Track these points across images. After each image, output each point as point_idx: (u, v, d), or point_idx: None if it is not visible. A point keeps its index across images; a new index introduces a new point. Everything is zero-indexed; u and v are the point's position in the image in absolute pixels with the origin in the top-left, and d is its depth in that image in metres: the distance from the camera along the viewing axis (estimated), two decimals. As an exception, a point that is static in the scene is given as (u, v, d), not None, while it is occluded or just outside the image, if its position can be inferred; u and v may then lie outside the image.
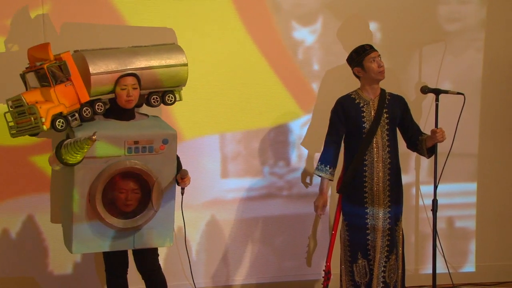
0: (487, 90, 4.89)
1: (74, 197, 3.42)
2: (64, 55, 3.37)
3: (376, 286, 4.02)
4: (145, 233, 3.58)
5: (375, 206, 3.94)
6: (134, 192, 3.47)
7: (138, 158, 3.44)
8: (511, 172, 5.12)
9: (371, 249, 3.99)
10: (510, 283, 5.07)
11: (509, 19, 4.93)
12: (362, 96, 3.99)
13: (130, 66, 3.52)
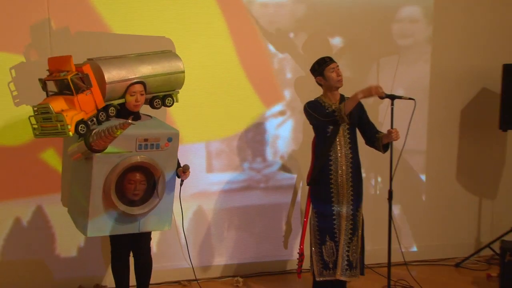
0: (434, 96, 5.25)
1: (91, 188, 3.59)
2: (85, 68, 3.58)
3: (341, 263, 4.23)
4: (149, 218, 3.83)
5: (340, 196, 4.20)
6: (141, 183, 3.72)
7: (146, 154, 3.70)
8: (454, 166, 5.40)
9: (337, 232, 4.25)
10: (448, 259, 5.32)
11: (451, 36, 5.24)
12: (325, 101, 4.22)
13: (138, 74, 3.77)
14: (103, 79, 3.65)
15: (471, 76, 5.34)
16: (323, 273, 4.37)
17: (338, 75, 4.17)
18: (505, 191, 5.50)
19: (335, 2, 5.01)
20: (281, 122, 4.96)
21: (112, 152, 3.66)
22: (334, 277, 4.35)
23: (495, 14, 5.34)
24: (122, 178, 3.70)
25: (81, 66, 3.65)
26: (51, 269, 4.60)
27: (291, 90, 4.97)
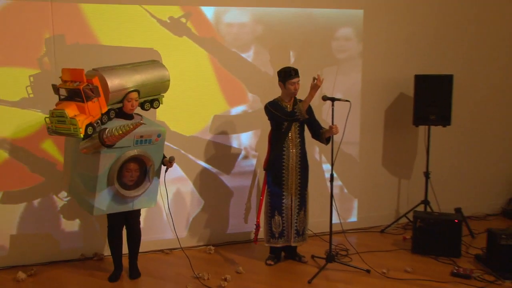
0: (364, 99, 5.72)
1: (98, 177, 3.96)
2: (94, 80, 3.89)
3: (290, 232, 4.70)
4: (140, 198, 4.23)
5: (290, 179, 4.68)
6: (136, 171, 4.15)
7: (141, 147, 4.08)
8: (380, 154, 5.89)
9: (284, 209, 4.73)
10: (375, 227, 5.81)
11: (376, 52, 5.66)
12: (283, 102, 4.64)
13: (134, 83, 4.12)
14: (106, 87, 3.99)
15: (392, 84, 5.77)
16: (270, 240, 4.84)
17: (295, 89, 4.58)
18: (417, 173, 5.94)
19: (287, 23, 5.29)
20: (243, 118, 5.30)
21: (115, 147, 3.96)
22: (278, 244, 4.80)
23: (410, 35, 5.78)
24: (122, 167, 4.06)
25: (91, 78, 3.91)
26: (58, 240, 4.89)
27: (252, 92, 5.29)
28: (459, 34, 5.97)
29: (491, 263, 4.57)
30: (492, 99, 6.23)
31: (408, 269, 4.63)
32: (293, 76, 4.56)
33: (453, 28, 5.93)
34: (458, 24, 5.96)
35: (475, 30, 6.04)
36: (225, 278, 4.42)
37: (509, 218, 6.16)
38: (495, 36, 6.13)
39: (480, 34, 6.06)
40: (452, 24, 5.92)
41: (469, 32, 6.01)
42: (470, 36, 6.02)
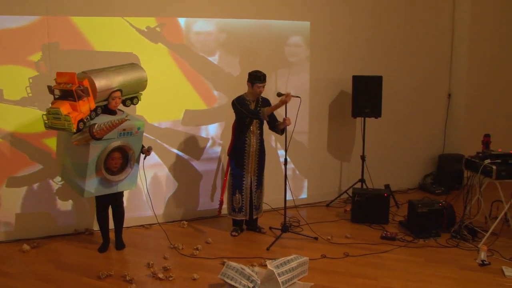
0: (312, 95, 6.09)
1: (88, 165, 4.23)
2: (85, 82, 4.12)
3: (249, 206, 5.04)
4: (123, 182, 4.53)
5: (250, 163, 5.00)
6: (120, 159, 4.43)
7: (124, 139, 4.37)
8: (325, 141, 6.25)
9: (244, 188, 5.04)
10: (322, 202, 6.18)
11: (321, 56, 6.03)
12: (248, 98, 4.91)
13: (117, 83, 4.39)
14: (95, 88, 4.22)
15: (335, 83, 6.17)
16: (231, 213, 5.17)
17: (260, 92, 4.87)
18: (355, 157, 6.35)
19: (247, 32, 5.59)
20: (210, 112, 5.56)
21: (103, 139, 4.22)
22: (237, 217, 5.09)
23: (348, 43, 6.19)
24: (107, 156, 4.34)
25: (82, 80, 4.13)
26: (54, 217, 5.12)
27: (218, 90, 5.58)
28: (388, 43, 6.46)
29: (410, 227, 5.14)
30: (414, 96, 6.77)
31: (348, 235, 5.07)
32: (261, 81, 4.83)
33: (383, 38, 6.41)
34: (387, 34, 6.44)
35: (400, 39, 6.54)
36: (197, 248, 4.69)
37: (424, 191, 6.75)
38: (417, 44, 6.68)
39: (404, 42, 6.59)
40: (382, 34, 6.40)
41: (395, 41, 6.51)
42: (397, 45, 6.53)
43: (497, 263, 4.41)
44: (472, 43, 6.81)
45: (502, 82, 7.11)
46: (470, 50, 6.81)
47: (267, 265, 3.95)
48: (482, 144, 5.39)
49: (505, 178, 4.66)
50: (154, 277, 4.11)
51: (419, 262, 4.47)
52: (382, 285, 4.02)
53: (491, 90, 7.06)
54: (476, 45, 6.83)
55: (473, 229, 5.05)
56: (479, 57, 6.88)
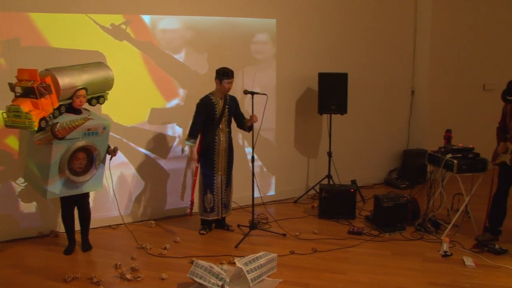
0: (279, 93, 6.13)
1: (51, 165, 4.15)
2: (47, 79, 4.02)
3: (220, 205, 5.03)
4: (88, 182, 4.46)
5: (220, 162, 4.99)
6: (84, 160, 4.36)
7: (88, 139, 4.29)
8: (292, 138, 6.29)
9: (215, 188, 5.01)
10: (290, 198, 6.28)
11: (288, 54, 6.09)
12: (215, 96, 4.89)
13: (82, 81, 4.31)
14: (58, 85, 4.14)
15: (301, 80, 6.22)
16: (203, 214, 5.13)
17: (228, 88, 4.88)
18: (322, 153, 6.42)
19: (213, 29, 5.56)
20: (177, 110, 5.52)
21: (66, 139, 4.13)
22: (209, 217, 5.06)
23: (314, 40, 6.23)
24: (72, 156, 4.26)
25: (44, 78, 4.03)
26: (17, 220, 5.00)
27: (184, 88, 5.53)
28: (353, 40, 6.55)
29: (376, 221, 5.25)
30: (379, 93, 6.89)
31: (316, 231, 5.14)
32: (229, 77, 4.84)
33: (348, 36, 6.49)
34: (352, 32, 6.53)
35: (365, 37, 6.64)
36: (165, 247, 4.67)
37: (389, 186, 6.90)
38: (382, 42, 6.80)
39: (369, 40, 6.69)
40: (347, 32, 6.48)
41: (360, 39, 6.61)
42: (362, 42, 6.63)
43: (459, 253, 4.57)
44: (434, 42, 6.99)
45: (463, 79, 7.33)
46: (432, 48, 6.99)
47: (236, 262, 3.98)
48: (444, 139, 5.54)
49: (466, 172, 4.84)
50: (122, 278, 4.07)
51: (385, 255, 4.58)
52: (349, 279, 4.10)
53: (452, 87, 7.26)
54: (438, 43, 7.02)
55: (436, 221, 5.21)
56: (441, 55, 7.07)
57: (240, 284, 3.91)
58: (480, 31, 7.34)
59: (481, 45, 7.37)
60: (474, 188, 4.94)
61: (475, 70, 7.40)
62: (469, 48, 7.29)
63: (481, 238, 4.78)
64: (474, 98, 7.45)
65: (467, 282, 4.02)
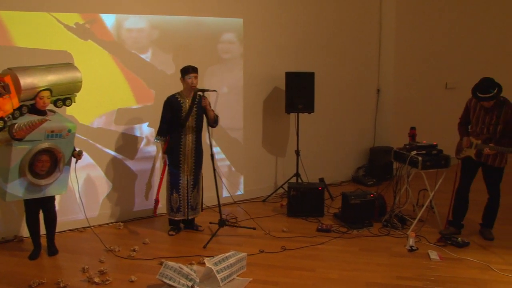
0: (246, 92, 6.12)
1: (10, 169, 4.05)
2: (6, 78, 3.91)
3: (186, 206, 4.99)
4: (51, 186, 4.36)
5: (186, 162, 4.94)
6: (47, 162, 4.27)
7: (52, 141, 4.21)
8: (260, 137, 6.29)
9: (181, 188, 4.97)
10: (258, 197, 6.25)
11: (255, 53, 6.07)
12: (182, 95, 4.87)
13: (46, 82, 4.21)
14: (19, 85, 4.03)
15: (268, 79, 6.25)
16: (170, 213, 5.10)
17: (192, 83, 4.84)
18: (290, 152, 6.45)
19: (180, 29, 5.52)
20: (144, 110, 5.44)
21: (27, 140, 4.04)
22: (176, 217, 5.03)
23: (281, 40, 6.26)
24: (34, 158, 4.16)
25: (3, 77, 3.93)
26: None
27: (151, 88, 5.48)
28: (320, 40, 6.61)
29: (344, 218, 5.33)
30: (345, 92, 6.98)
31: (285, 229, 5.19)
32: (190, 71, 4.82)
33: (315, 35, 6.55)
34: (319, 31, 6.58)
35: (332, 36, 6.72)
36: (134, 249, 4.62)
37: (357, 183, 7.01)
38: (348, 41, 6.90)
39: (335, 40, 6.77)
40: (313, 31, 6.53)
41: (327, 39, 6.68)
42: (328, 42, 6.70)
43: (424, 247, 4.70)
44: (398, 42, 7.15)
45: (426, 78, 7.54)
46: (397, 48, 7.15)
47: (205, 262, 3.98)
48: (408, 136, 5.67)
49: (430, 168, 4.98)
50: (90, 282, 4.01)
51: (353, 251, 4.66)
52: (319, 276, 4.16)
53: (416, 86, 7.45)
54: (402, 43, 7.18)
55: (402, 217, 5.33)
56: (405, 55, 7.25)
57: (210, 284, 3.91)
58: (443, 32, 7.59)
59: (443, 45, 7.62)
60: (438, 184, 5.07)
61: (437, 69, 7.64)
62: (432, 48, 7.51)
63: (444, 232, 4.94)
64: (437, 96, 7.68)
65: (432, 275, 4.15)
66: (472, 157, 4.75)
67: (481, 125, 4.69)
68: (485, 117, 4.65)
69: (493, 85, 4.49)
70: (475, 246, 4.74)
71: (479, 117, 4.70)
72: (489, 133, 4.63)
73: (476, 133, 4.76)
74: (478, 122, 4.71)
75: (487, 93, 4.48)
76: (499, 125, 4.58)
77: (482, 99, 4.53)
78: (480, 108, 4.69)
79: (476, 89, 4.58)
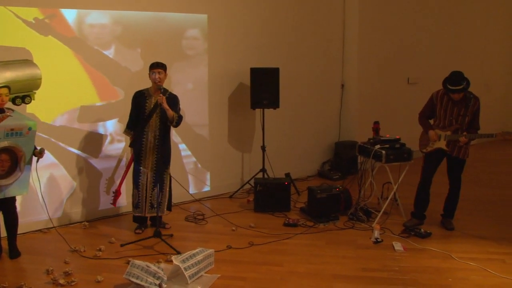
0: (211, 88, 6.11)
1: None
2: None
3: (144, 204, 4.91)
4: (11, 186, 4.26)
5: (147, 160, 4.88)
6: (7, 162, 4.17)
7: (12, 140, 4.12)
8: (226, 133, 6.30)
9: (140, 184, 4.93)
10: (225, 193, 6.26)
11: (219, 49, 6.05)
12: (149, 92, 4.84)
13: (3, 79, 4.15)
14: None
15: (233, 75, 6.27)
16: (132, 208, 5.08)
17: (155, 79, 4.78)
18: (256, 147, 6.51)
19: (143, 25, 5.48)
20: (108, 107, 5.39)
21: None
22: (135, 213, 4.99)
23: (245, 36, 6.28)
24: None
25: None
26: None
27: (115, 85, 5.41)
28: (284, 35, 6.68)
29: (311, 213, 5.39)
30: (310, 87, 7.08)
31: (252, 224, 5.21)
32: (154, 67, 4.78)
33: (279, 31, 6.61)
34: (283, 27, 6.65)
35: (296, 32, 6.80)
36: (100, 249, 4.57)
37: (322, 177, 7.12)
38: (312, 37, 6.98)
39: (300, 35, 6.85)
40: (278, 27, 6.59)
41: (291, 34, 6.75)
42: (292, 37, 6.77)
43: (389, 239, 4.82)
44: (362, 37, 7.30)
45: (389, 73, 7.73)
46: (360, 44, 7.30)
47: (173, 260, 3.97)
48: (372, 130, 5.79)
49: (393, 161, 5.12)
50: (54, 284, 3.93)
51: (320, 245, 4.74)
52: (286, 270, 4.21)
53: (380, 80, 7.62)
54: (365, 39, 7.34)
55: (367, 210, 5.45)
56: (369, 50, 7.41)
57: (178, 282, 3.91)
58: (405, 29, 7.83)
59: (405, 41, 7.88)
60: (402, 177, 5.22)
61: (400, 65, 7.87)
62: (394, 44, 7.73)
63: (408, 223, 5.08)
64: (400, 91, 7.90)
65: (396, 266, 4.27)
66: (442, 149, 4.91)
67: (449, 117, 4.86)
68: (453, 110, 4.83)
69: (463, 78, 4.68)
70: (437, 236, 4.91)
71: (447, 110, 4.87)
72: (458, 124, 4.81)
73: (443, 126, 4.92)
74: (446, 114, 4.88)
75: (458, 85, 4.66)
76: (467, 117, 4.78)
77: (453, 91, 4.70)
78: (448, 101, 4.85)
79: (447, 81, 4.75)
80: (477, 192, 6.39)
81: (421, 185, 5.08)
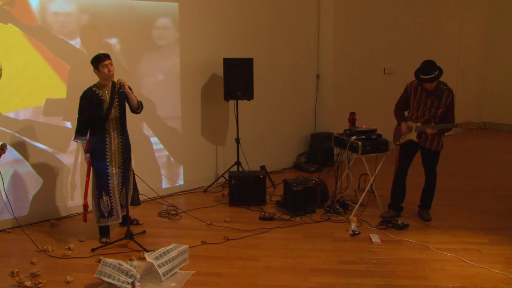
0: (184, 79, 6.02)
1: None
2: None
3: (118, 207, 4.70)
4: None
5: (113, 160, 4.65)
6: None
7: None
8: (199, 125, 6.23)
9: (111, 189, 4.64)
10: (199, 188, 6.26)
11: (192, 39, 5.96)
12: (99, 87, 4.52)
13: None
14: None
15: (206, 66, 6.21)
16: (100, 220, 4.70)
17: (109, 71, 4.46)
18: (230, 140, 6.49)
19: (112, 13, 5.36)
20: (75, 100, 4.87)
21: None
22: (108, 223, 4.67)
23: (218, 25, 6.25)
24: None
25: None
26: None
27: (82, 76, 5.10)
28: (258, 25, 6.66)
29: (287, 206, 5.42)
30: (285, 78, 7.11)
31: (227, 219, 5.21)
32: (102, 59, 4.43)
33: (253, 20, 6.58)
34: (257, 17, 6.62)
35: (270, 22, 6.78)
36: (69, 248, 4.50)
37: (298, 170, 7.16)
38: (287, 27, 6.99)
39: (274, 25, 6.85)
40: (252, 16, 6.55)
41: (265, 24, 6.74)
42: (267, 27, 6.77)
43: (366, 231, 4.88)
44: (337, 27, 7.33)
45: (365, 63, 7.80)
46: (336, 34, 7.33)
47: (146, 257, 3.93)
48: (348, 121, 5.83)
49: (370, 153, 5.16)
50: (20, 286, 3.83)
51: (296, 238, 4.76)
52: (263, 264, 4.22)
53: (355, 71, 7.68)
54: (341, 29, 7.37)
55: (344, 202, 5.49)
56: (344, 40, 7.44)
57: (151, 280, 3.87)
58: (381, 19, 7.90)
59: (381, 32, 7.95)
60: (378, 168, 5.28)
61: (376, 55, 7.95)
62: (370, 35, 7.80)
63: (385, 215, 5.16)
64: (376, 81, 7.98)
65: (373, 258, 4.32)
66: (413, 140, 4.96)
67: (422, 108, 4.92)
68: (427, 101, 4.88)
69: (434, 67, 4.72)
70: (414, 228, 4.99)
71: (421, 101, 4.92)
72: (430, 116, 4.86)
73: (416, 117, 4.97)
74: (420, 105, 4.94)
75: (429, 74, 4.70)
76: (440, 109, 4.83)
77: (425, 80, 4.74)
78: (422, 92, 4.91)
79: (419, 71, 4.79)
80: (454, 182, 6.51)
81: (397, 177, 5.16)
